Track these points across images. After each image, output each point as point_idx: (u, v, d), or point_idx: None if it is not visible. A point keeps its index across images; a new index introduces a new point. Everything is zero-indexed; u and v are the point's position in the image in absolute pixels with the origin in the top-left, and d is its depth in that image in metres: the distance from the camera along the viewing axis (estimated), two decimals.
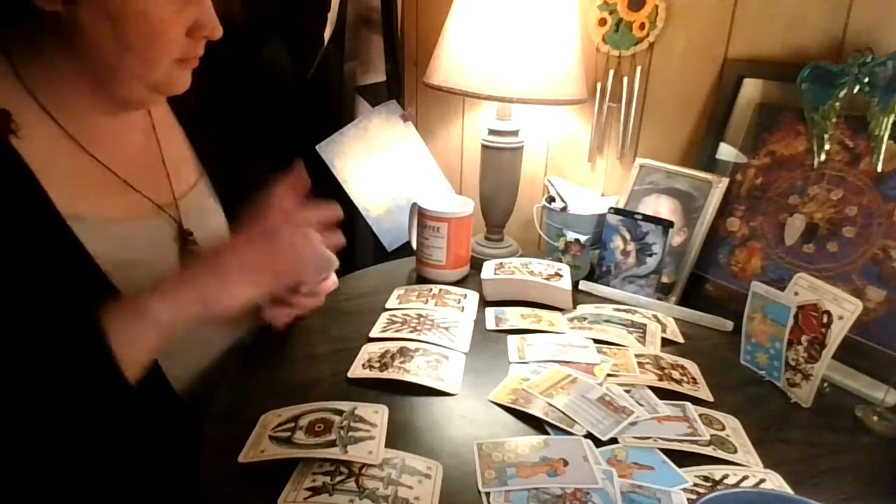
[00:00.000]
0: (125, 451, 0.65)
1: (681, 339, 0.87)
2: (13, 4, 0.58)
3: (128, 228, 0.67)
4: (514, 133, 1.08)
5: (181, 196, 0.74)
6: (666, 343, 0.86)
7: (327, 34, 1.18)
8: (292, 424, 0.61)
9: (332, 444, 0.58)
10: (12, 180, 0.58)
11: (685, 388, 0.74)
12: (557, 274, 0.95)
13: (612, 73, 1.10)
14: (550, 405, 0.68)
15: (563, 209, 1.07)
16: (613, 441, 0.63)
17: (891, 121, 0.80)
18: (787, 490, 0.58)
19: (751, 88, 0.97)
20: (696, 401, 0.72)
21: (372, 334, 0.83)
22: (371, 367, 0.74)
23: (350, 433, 0.60)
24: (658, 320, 0.90)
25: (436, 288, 0.98)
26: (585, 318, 0.90)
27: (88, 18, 0.58)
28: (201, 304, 0.59)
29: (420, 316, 0.88)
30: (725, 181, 0.96)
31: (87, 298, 0.59)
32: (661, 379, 0.75)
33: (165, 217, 0.71)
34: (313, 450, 0.58)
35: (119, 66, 0.61)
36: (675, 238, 0.98)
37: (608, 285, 1.00)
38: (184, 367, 0.71)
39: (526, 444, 0.62)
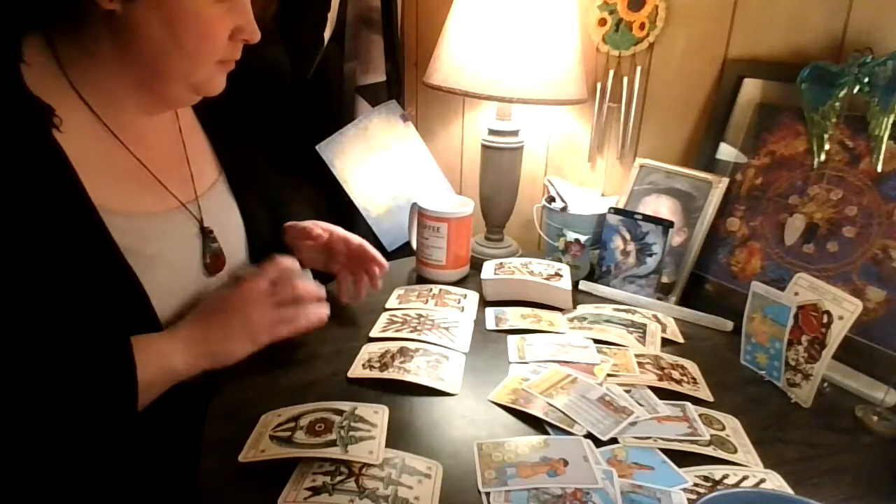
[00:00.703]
0: (126, 449, 0.65)
1: (681, 339, 0.87)
2: (72, 1, 0.60)
3: (155, 223, 0.69)
4: (514, 133, 1.08)
5: (202, 194, 0.77)
6: (666, 343, 0.86)
7: (327, 34, 1.18)
8: (293, 424, 0.61)
9: (332, 443, 0.58)
10: (52, 172, 0.60)
11: (685, 388, 0.74)
12: (557, 274, 0.95)
13: (612, 73, 1.10)
14: (550, 405, 0.68)
15: (563, 209, 1.07)
16: (613, 441, 0.63)
17: (891, 121, 0.80)
18: (787, 490, 0.58)
19: (751, 88, 0.97)
20: (696, 401, 0.72)
21: (372, 334, 0.83)
22: (371, 367, 0.74)
23: (350, 433, 0.60)
24: (658, 320, 0.90)
25: (436, 288, 0.98)
26: (585, 318, 0.90)
27: (144, 17, 0.60)
28: (210, 361, 0.67)
29: (420, 316, 0.88)
30: (725, 181, 0.96)
31: (110, 289, 0.62)
32: (661, 379, 0.75)
33: (188, 214, 0.73)
34: (314, 449, 0.58)
35: (167, 64, 0.64)
36: (675, 238, 0.98)
37: (608, 285, 1.00)
38: None
39: (526, 444, 0.62)
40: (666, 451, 0.62)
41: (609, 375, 0.75)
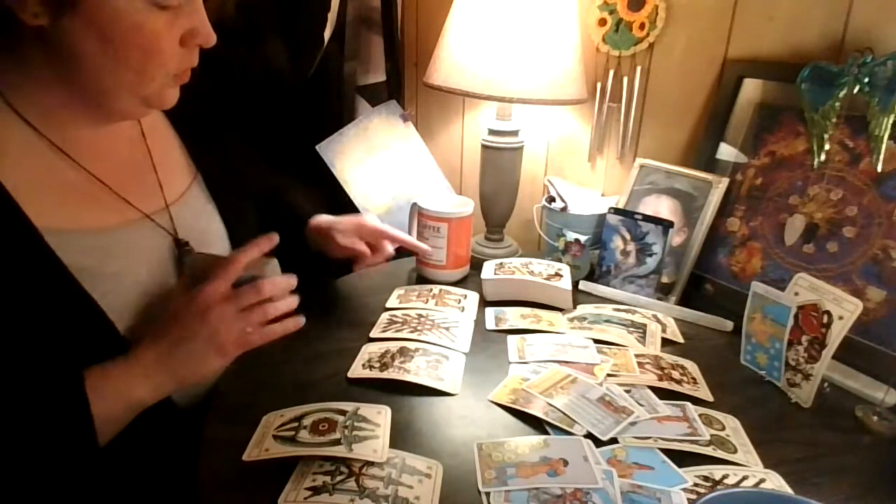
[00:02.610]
0: (125, 450, 0.65)
1: (681, 339, 0.87)
2: None
3: (114, 239, 0.65)
4: (514, 133, 1.08)
5: (174, 202, 0.72)
6: (666, 343, 0.86)
7: (327, 34, 1.18)
8: (296, 424, 0.62)
9: (336, 442, 0.59)
10: None
11: (685, 388, 0.74)
12: (557, 274, 0.95)
13: (612, 73, 1.10)
14: (550, 405, 0.68)
15: (563, 209, 1.07)
16: (613, 441, 0.63)
17: (891, 121, 0.80)
18: (787, 490, 0.58)
19: (751, 88, 0.97)
20: (696, 401, 0.72)
21: (372, 334, 0.83)
22: (371, 367, 0.74)
23: (354, 432, 0.60)
24: (658, 320, 0.90)
25: (436, 288, 0.98)
26: (585, 318, 0.90)
27: (78, 32, 0.56)
28: (177, 385, 0.62)
29: (420, 316, 0.88)
30: (725, 181, 0.96)
31: (64, 312, 0.59)
32: (661, 379, 0.75)
33: (153, 225, 0.69)
34: (318, 448, 0.58)
35: (112, 80, 0.59)
36: (675, 238, 0.98)
37: (608, 285, 1.00)
38: None
39: (526, 444, 0.62)
40: (666, 451, 0.62)
41: (609, 375, 0.75)
